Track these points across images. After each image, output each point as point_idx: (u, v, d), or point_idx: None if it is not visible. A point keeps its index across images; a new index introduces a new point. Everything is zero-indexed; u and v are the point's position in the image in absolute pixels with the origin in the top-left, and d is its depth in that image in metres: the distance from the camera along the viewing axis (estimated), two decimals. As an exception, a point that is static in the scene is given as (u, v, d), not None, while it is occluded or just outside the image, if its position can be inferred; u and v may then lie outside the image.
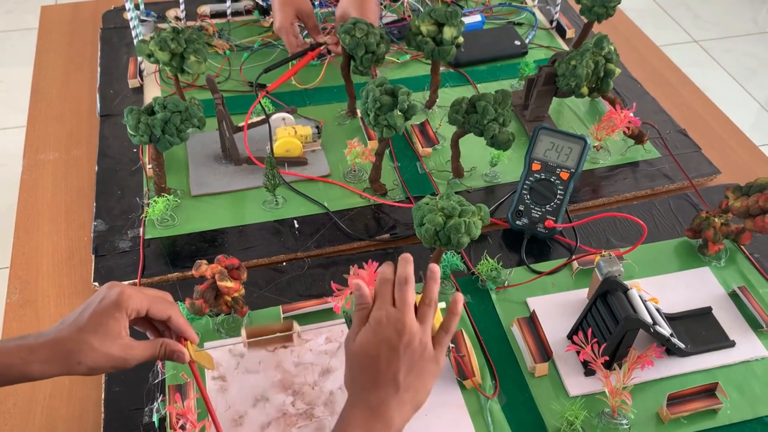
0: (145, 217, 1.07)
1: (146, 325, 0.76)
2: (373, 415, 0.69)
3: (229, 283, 0.87)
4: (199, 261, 0.89)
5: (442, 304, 0.85)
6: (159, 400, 0.85)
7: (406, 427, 0.84)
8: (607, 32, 1.22)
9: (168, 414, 0.82)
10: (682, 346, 0.91)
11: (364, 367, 0.70)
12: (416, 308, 0.74)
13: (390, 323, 0.70)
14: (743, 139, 1.30)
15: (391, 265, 0.76)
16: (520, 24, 1.52)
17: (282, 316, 0.94)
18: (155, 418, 0.84)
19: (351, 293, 0.77)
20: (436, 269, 0.75)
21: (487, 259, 1.02)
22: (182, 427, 0.73)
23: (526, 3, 1.58)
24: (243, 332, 0.89)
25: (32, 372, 0.69)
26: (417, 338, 0.71)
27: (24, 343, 0.70)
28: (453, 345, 0.90)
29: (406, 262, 0.74)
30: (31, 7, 3.21)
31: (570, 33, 1.48)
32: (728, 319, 0.97)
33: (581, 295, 1.00)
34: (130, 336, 0.73)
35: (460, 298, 0.75)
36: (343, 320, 0.95)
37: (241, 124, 1.16)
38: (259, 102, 1.22)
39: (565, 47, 1.47)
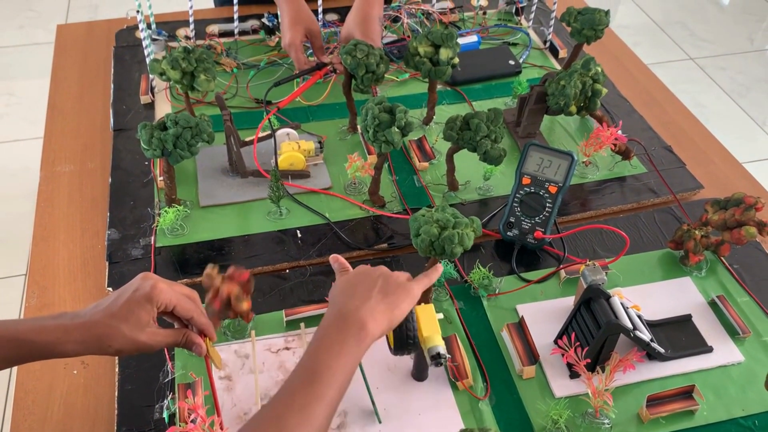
0: (156, 226, 1.13)
1: (173, 317, 0.81)
2: (347, 318, 0.77)
3: (244, 306, 0.88)
4: (209, 270, 0.87)
5: (440, 315, 0.90)
6: (169, 398, 0.91)
7: (401, 425, 0.89)
8: (597, 52, 1.28)
9: (178, 409, 0.88)
10: (662, 350, 0.96)
11: (341, 294, 0.81)
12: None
13: (368, 268, 0.85)
14: (726, 156, 1.35)
15: None
16: (515, 44, 1.58)
17: (285, 319, 1.00)
18: (165, 415, 0.89)
19: None
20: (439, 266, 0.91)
21: (479, 268, 1.07)
22: (193, 421, 0.78)
23: (521, 24, 1.64)
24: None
25: (67, 350, 0.75)
26: (390, 273, 0.83)
27: (61, 323, 0.75)
28: (449, 355, 0.94)
29: None
30: (42, 23, 3.28)
31: (563, 53, 1.54)
32: (707, 326, 1.02)
33: (568, 303, 1.05)
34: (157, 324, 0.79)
35: (440, 265, 0.93)
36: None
37: (248, 139, 1.22)
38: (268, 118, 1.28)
39: (558, 67, 1.52)
